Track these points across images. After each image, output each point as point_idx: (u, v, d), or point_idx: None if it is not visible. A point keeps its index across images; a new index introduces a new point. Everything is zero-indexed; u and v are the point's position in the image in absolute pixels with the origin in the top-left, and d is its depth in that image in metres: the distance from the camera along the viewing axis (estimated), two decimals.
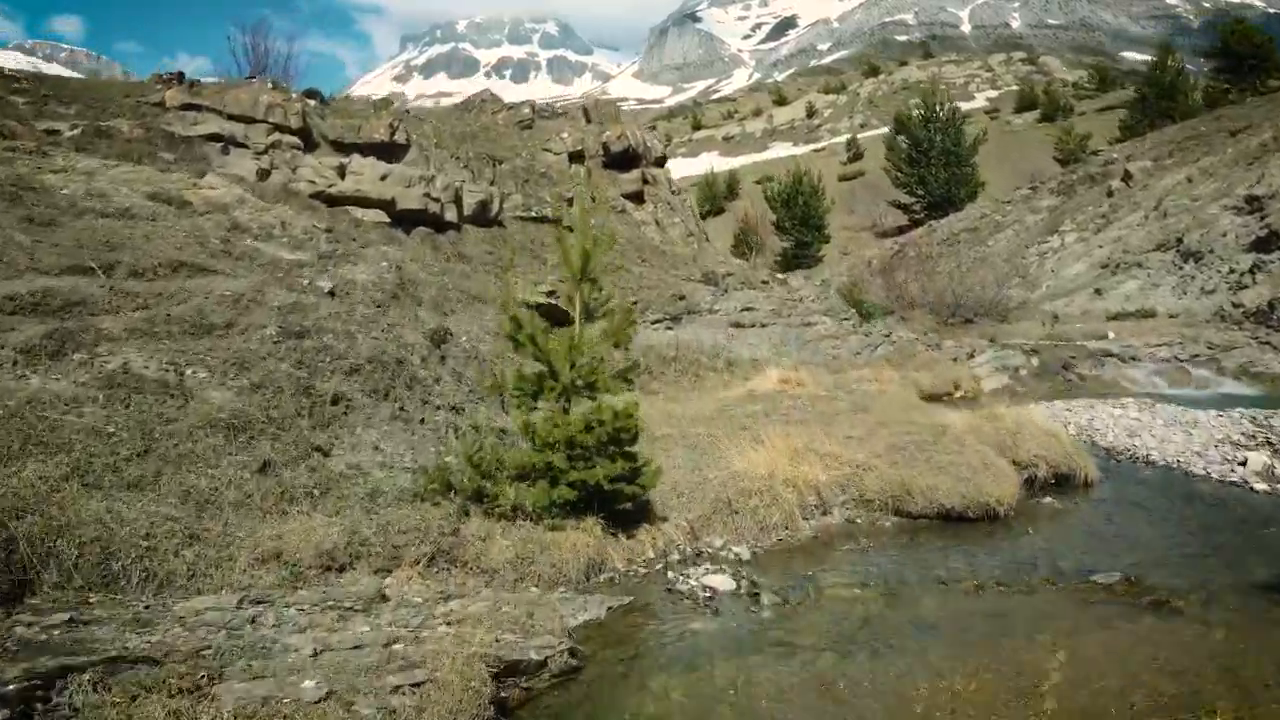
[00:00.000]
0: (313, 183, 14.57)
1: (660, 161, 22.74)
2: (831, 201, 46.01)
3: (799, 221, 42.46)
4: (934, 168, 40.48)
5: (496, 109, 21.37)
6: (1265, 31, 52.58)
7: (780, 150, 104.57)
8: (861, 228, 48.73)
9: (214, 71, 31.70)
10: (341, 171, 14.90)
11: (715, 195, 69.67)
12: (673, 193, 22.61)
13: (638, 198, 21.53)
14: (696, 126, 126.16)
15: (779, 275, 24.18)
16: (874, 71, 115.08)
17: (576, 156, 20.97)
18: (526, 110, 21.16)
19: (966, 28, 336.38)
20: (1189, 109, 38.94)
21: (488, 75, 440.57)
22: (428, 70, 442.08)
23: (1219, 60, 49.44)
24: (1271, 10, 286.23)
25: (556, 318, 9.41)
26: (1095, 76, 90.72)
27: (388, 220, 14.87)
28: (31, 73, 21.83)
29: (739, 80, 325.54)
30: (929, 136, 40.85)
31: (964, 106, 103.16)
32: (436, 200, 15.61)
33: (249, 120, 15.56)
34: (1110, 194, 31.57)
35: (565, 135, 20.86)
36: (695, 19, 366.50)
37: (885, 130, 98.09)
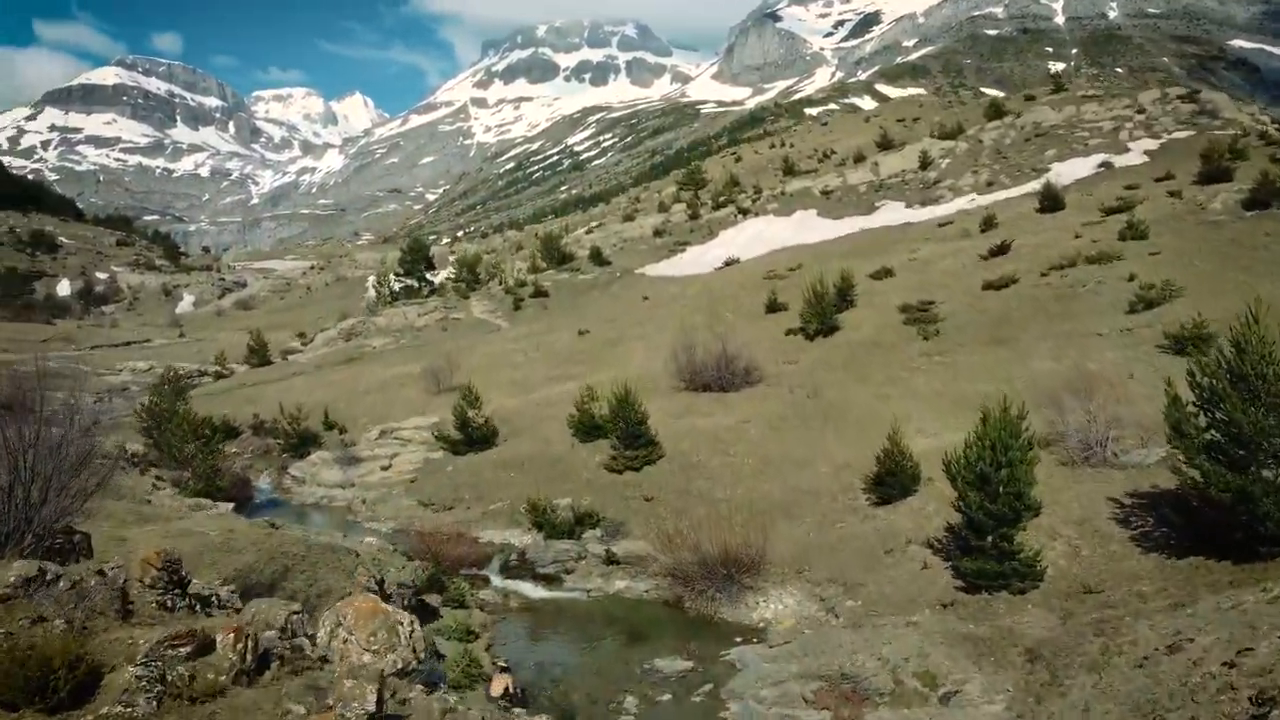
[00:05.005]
0: None
1: None
2: (1035, 456, 22.06)
3: (998, 516, 21.68)
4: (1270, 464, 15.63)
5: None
6: None
7: (892, 213, 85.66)
8: (1073, 460, 22.87)
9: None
10: None
11: (825, 309, 47.95)
12: None
13: None
14: (789, 170, 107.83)
15: None
16: (998, 112, 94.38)
17: None
18: None
19: (1060, 19, 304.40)
20: None
21: (567, 79, 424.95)
22: (508, 75, 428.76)
23: None
24: None
25: None
26: None
27: None
28: None
29: (820, 80, 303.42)
30: (1258, 419, 15.40)
31: (1118, 162, 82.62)
32: None
33: None
34: None
35: None
36: (775, 18, 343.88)
37: (1020, 191, 78.75)
